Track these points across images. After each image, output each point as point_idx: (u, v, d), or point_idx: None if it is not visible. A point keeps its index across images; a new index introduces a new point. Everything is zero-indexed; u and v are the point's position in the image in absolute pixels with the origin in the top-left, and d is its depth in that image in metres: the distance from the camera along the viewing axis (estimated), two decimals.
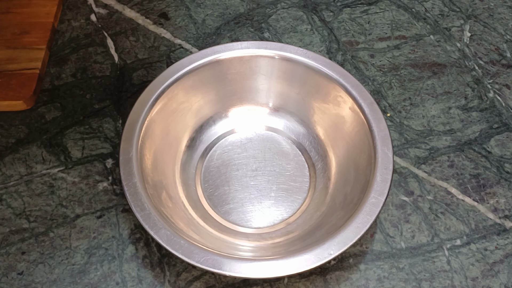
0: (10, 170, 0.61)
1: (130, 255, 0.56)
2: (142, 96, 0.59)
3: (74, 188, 0.60)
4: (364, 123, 0.58)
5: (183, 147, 0.63)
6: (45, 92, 0.67)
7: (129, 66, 0.70)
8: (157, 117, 0.60)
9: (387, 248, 0.57)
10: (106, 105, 0.66)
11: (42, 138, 0.64)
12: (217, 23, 0.75)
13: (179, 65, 0.61)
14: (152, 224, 0.51)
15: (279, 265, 0.49)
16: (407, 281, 0.55)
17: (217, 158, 0.63)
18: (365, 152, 0.58)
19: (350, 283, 0.55)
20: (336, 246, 0.50)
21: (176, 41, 0.73)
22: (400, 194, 0.61)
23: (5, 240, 0.57)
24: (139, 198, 0.52)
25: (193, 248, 0.49)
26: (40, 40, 0.69)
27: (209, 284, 0.54)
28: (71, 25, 0.74)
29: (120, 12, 0.75)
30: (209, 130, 0.65)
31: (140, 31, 0.73)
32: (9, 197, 0.60)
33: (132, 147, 0.56)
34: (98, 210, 0.59)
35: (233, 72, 0.64)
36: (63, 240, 0.57)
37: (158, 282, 0.54)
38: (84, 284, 0.54)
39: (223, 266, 0.49)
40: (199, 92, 0.63)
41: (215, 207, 0.60)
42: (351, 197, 0.56)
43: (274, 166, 0.63)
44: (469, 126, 0.66)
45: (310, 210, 0.60)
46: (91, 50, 0.71)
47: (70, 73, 0.69)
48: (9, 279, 0.55)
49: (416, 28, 0.75)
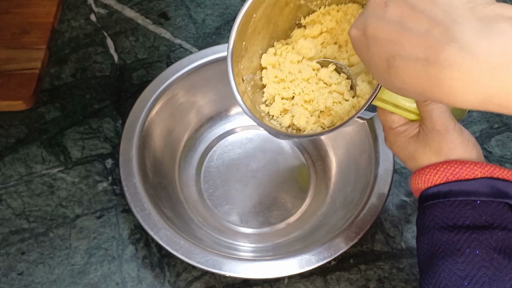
0: (10, 170, 0.61)
1: (130, 255, 0.56)
2: (142, 96, 0.59)
3: (74, 188, 0.60)
4: (364, 123, 0.58)
5: (183, 147, 0.63)
6: (44, 92, 0.67)
7: (129, 66, 0.70)
8: (157, 117, 0.59)
9: (387, 248, 0.57)
10: (106, 105, 0.66)
11: (42, 138, 0.64)
12: (217, 23, 0.75)
13: (179, 65, 0.61)
14: (152, 224, 0.51)
15: (279, 266, 0.49)
16: (408, 282, 0.55)
17: (217, 158, 0.63)
18: (365, 152, 0.58)
19: (350, 283, 0.55)
20: (336, 246, 0.50)
21: (176, 41, 0.73)
22: (401, 194, 0.61)
23: (5, 240, 0.57)
24: (139, 198, 0.52)
25: (193, 249, 0.49)
26: (40, 40, 0.69)
27: (209, 284, 0.54)
28: (71, 25, 0.73)
29: (120, 12, 0.75)
30: (209, 130, 0.65)
31: (140, 31, 0.73)
32: (9, 197, 0.59)
33: (132, 147, 0.55)
34: (98, 210, 0.59)
35: None
36: (63, 240, 0.57)
37: (158, 283, 0.54)
38: (84, 284, 0.54)
39: (223, 266, 0.49)
40: (199, 92, 0.63)
41: (215, 207, 0.60)
42: (352, 197, 0.56)
43: (274, 166, 0.63)
44: (470, 126, 0.66)
45: (311, 210, 0.60)
46: (90, 50, 0.71)
47: (69, 73, 0.69)
48: (9, 279, 0.54)
49: None
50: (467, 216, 0.39)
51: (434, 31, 0.29)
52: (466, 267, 0.38)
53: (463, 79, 0.28)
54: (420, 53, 0.30)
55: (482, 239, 0.38)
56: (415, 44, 0.30)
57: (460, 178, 0.40)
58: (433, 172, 0.41)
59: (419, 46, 0.30)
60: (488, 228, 0.38)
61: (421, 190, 0.42)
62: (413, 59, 0.30)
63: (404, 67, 0.31)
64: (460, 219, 0.39)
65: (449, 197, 0.40)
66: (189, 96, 0.63)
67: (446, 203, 0.40)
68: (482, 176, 0.40)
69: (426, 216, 0.41)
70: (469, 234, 0.38)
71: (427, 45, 0.29)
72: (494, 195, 0.39)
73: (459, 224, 0.39)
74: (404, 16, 0.30)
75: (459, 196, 0.40)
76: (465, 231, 0.39)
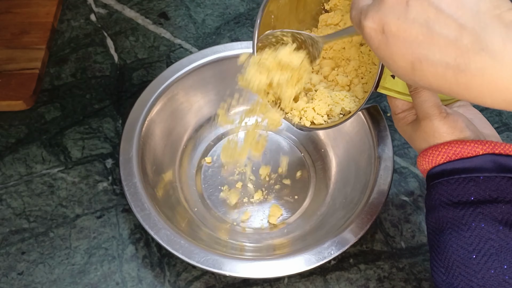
0: (10, 170, 0.61)
1: (130, 255, 0.56)
2: (142, 96, 0.59)
3: (74, 188, 0.60)
4: (364, 123, 0.58)
5: (183, 147, 0.63)
6: (44, 92, 0.67)
7: (129, 66, 0.70)
8: (157, 117, 0.60)
9: (387, 248, 0.57)
10: (106, 105, 0.66)
11: (42, 138, 0.64)
12: (217, 23, 0.75)
13: (179, 65, 0.61)
14: (152, 224, 0.51)
15: (279, 265, 0.49)
16: (407, 281, 0.55)
17: (217, 158, 0.63)
18: (365, 152, 0.58)
19: (350, 283, 0.55)
20: (336, 246, 0.50)
21: (176, 41, 0.73)
22: (400, 194, 0.61)
23: (5, 240, 0.57)
24: (139, 198, 0.52)
25: (193, 248, 0.49)
26: (40, 40, 0.69)
27: (209, 284, 0.54)
28: (71, 25, 0.74)
29: (119, 12, 0.75)
30: (209, 130, 0.65)
31: (140, 31, 0.73)
32: (9, 197, 0.59)
33: (132, 147, 0.56)
34: (98, 210, 0.59)
35: (233, 72, 0.63)
36: (63, 240, 0.57)
37: (158, 282, 0.54)
38: (84, 284, 0.54)
39: (223, 266, 0.49)
40: (199, 92, 0.63)
41: (215, 207, 0.60)
42: (351, 197, 0.56)
43: (274, 166, 0.63)
44: None
45: (310, 210, 0.60)
46: (90, 50, 0.71)
47: (69, 73, 0.69)
48: (9, 279, 0.54)
49: None
50: (471, 192, 0.40)
51: (465, 38, 0.30)
52: (473, 240, 0.38)
53: (493, 86, 0.30)
54: (450, 60, 0.30)
55: (487, 212, 0.39)
56: (445, 50, 0.30)
57: (463, 156, 0.41)
58: (435, 153, 0.42)
59: (450, 52, 0.30)
60: (492, 202, 0.39)
61: (427, 170, 0.43)
62: (443, 65, 0.31)
63: (433, 71, 0.31)
64: (464, 195, 0.40)
65: (453, 174, 0.41)
66: (189, 96, 0.63)
67: (451, 180, 0.41)
68: (484, 152, 0.41)
69: (432, 195, 0.42)
70: (474, 209, 0.39)
71: (458, 52, 0.30)
72: (496, 170, 0.40)
73: (463, 200, 0.40)
74: (430, 18, 0.31)
75: (463, 173, 0.41)
76: (469, 206, 0.39)
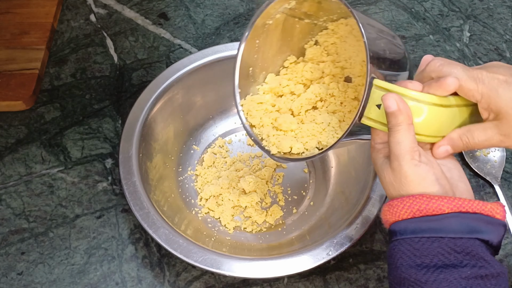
0: (9, 170, 0.61)
1: (129, 255, 0.56)
2: (142, 96, 0.59)
3: (74, 188, 0.60)
4: None
5: (183, 147, 0.63)
6: (44, 92, 0.67)
7: (128, 66, 0.70)
8: (157, 117, 0.60)
9: (386, 248, 0.57)
10: (106, 105, 0.66)
11: (42, 138, 0.64)
12: (216, 23, 0.75)
13: (179, 65, 0.61)
14: (151, 223, 0.51)
15: (279, 265, 0.49)
16: None
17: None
18: (365, 152, 0.58)
19: (350, 283, 0.55)
20: (336, 246, 0.50)
21: (175, 41, 0.73)
22: None
23: (4, 240, 0.57)
24: (138, 197, 0.52)
25: (192, 247, 0.49)
26: (40, 41, 0.69)
27: (208, 284, 0.54)
28: (71, 25, 0.74)
29: (119, 12, 0.75)
30: (209, 130, 0.65)
31: (140, 31, 0.73)
32: (9, 197, 0.59)
33: (132, 147, 0.56)
34: (97, 210, 0.59)
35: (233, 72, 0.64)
36: (63, 240, 0.57)
37: (157, 282, 0.54)
38: (84, 284, 0.54)
39: (223, 265, 0.49)
40: (199, 92, 0.63)
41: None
42: (351, 197, 0.56)
43: (274, 166, 0.63)
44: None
45: (310, 210, 0.60)
46: (90, 50, 0.71)
47: (69, 73, 0.69)
48: (9, 279, 0.54)
49: (415, 28, 0.76)
50: (435, 253, 0.37)
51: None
52: None
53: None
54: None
55: (452, 279, 0.36)
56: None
57: (428, 214, 0.38)
58: (400, 206, 0.39)
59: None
60: (457, 266, 0.36)
61: (390, 223, 0.40)
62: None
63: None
64: (427, 257, 0.37)
65: (416, 233, 0.38)
66: (189, 96, 0.63)
67: (414, 239, 0.38)
68: (450, 211, 0.38)
69: (394, 252, 0.39)
70: (438, 274, 0.37)
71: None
72: (462, 231, 0.37)
73: (426, 263, 0.37)
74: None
75: (426, 233, 0.38)
76: (433, 271, 0.37)
